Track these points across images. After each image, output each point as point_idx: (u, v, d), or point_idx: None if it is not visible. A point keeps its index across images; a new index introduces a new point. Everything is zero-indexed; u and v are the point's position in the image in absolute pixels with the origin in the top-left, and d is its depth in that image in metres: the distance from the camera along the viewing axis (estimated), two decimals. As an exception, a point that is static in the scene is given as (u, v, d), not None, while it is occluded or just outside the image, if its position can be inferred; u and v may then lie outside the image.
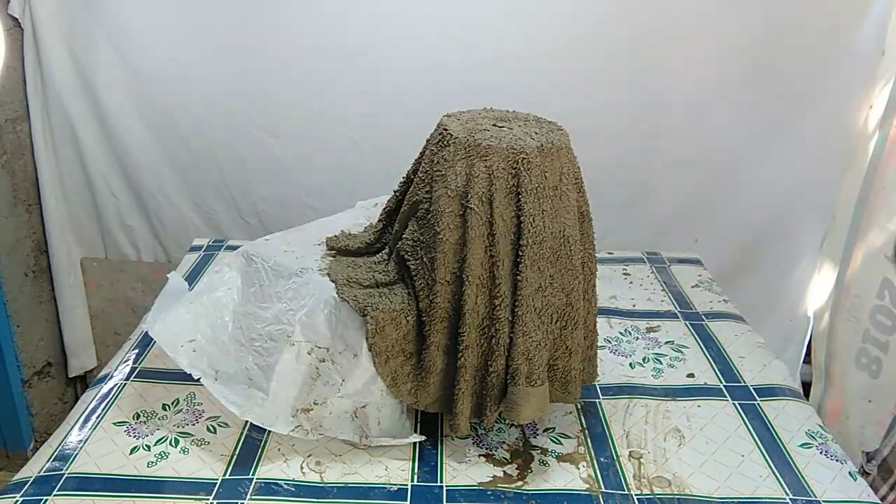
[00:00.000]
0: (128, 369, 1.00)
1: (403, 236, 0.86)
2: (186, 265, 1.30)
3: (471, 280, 0.80)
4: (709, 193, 1.65)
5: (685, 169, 1.63)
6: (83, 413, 0.93)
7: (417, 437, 0.88)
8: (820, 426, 0.93)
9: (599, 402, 0.96)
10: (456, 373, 0.83)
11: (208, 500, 0.79)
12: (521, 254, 0.80)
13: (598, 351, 0.97)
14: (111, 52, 1.62)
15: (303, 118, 1.66)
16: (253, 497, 0.79)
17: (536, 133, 0.83)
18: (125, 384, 0.97)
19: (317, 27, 1.57)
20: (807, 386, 1.73)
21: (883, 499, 1.23)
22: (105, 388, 0.97)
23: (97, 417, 0.91)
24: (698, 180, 1.63)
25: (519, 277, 0.80)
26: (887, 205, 1.40)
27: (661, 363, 1.05)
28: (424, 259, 0.83)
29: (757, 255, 1.69)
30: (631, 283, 1.31)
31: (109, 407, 0.93)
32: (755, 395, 0.99)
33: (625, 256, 1.41)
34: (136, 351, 1.04)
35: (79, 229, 1.83)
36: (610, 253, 1.42)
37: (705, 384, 0.98)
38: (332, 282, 0.86)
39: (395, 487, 0.81)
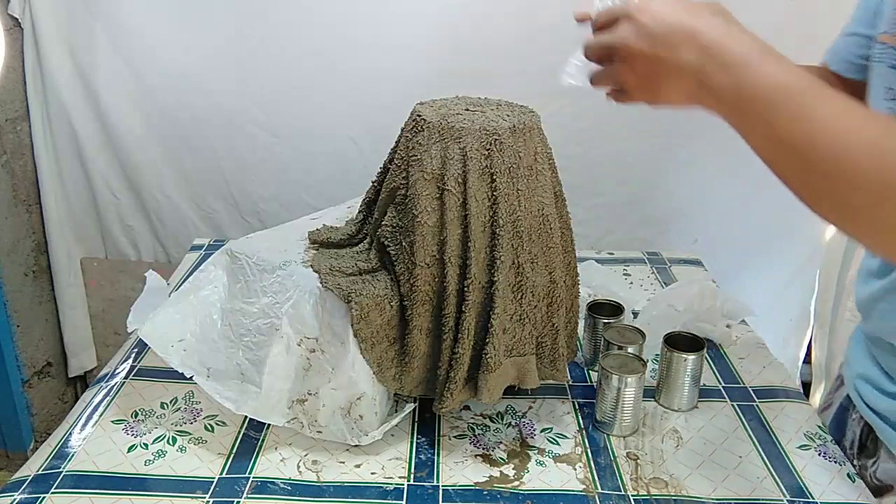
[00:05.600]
0: (127, 368, 1.01)
1: (383, 223, 0.87)
2: (186, 265, 1.30)
3: (452, 262, 0.81)
4: (709, 193, 1.65)
5: (685, 169, 1.63)
6: (82, 412, 0.93)
7: (411, 406, 0.89)
8: (819, 427, 0.92)
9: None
10: (440, 355, 0.84)
11: (205, 498, 0.79)
12: (496, 233, 0.81)
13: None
14: (111, 52, 1.62)
15: (303, 118, 1.66)
16: (249, 496, 0.79)
17: (508, 115, 0.85)
18: (124, 383, 0.97)
19: (318, 27, 1.57)
20: (807, 386, 1.73)
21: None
22: (104, 387, 0.97)
23: (96, 416, 0.91)
24: (698, 180, 1.63)
25: (494, 255, 0.82)
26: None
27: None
28: (404, 244, 0.84)
29: (757, 255, 1.69)
30: (631, 283, 1.31)
31: (108, 406, 0.93)
32: (754, 396, 0.99)
33: (625, 256, 1.41)
34: (136, 350, 1.04)
35: (79, 229, 1.83)
36: (610, 253, 1.42)
37: (704, 385, 0.98)
38: (316, 272, 0.87)
39: (391, 487, 0.81)
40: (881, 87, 0.81)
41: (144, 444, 0.87)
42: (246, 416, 0.88)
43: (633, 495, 0.80)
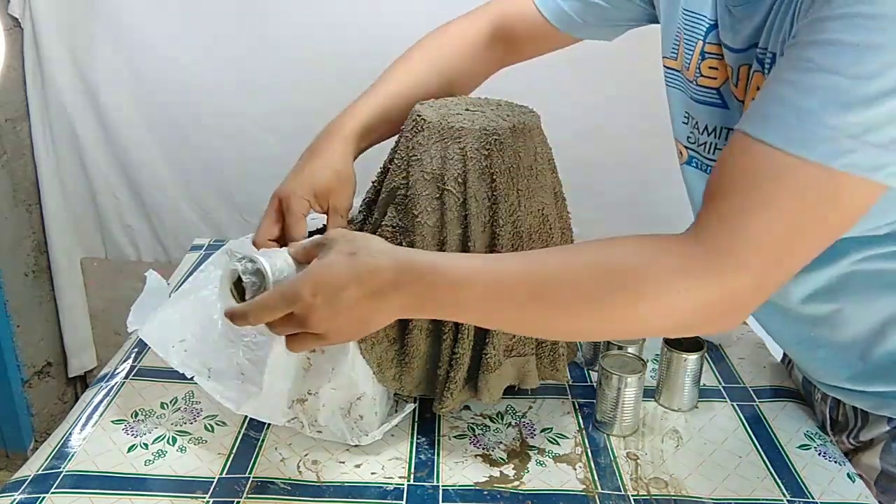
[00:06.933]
0: (127, 368, 1.01)
1: (383, 223, 0.87)
2: (186, 265, 1.30)
3: None
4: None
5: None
6: (82, 412, 0.93)
7: (411, 407, 0.89)
8: (819, 427, 0.92)
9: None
10: (440, 355, 0.85)
11: (205, 498, 0.79)
12: (496, 233, 0.81)
13: (596, 351, 0.97)
14: (111, 52, 1.62)
15: (303, 117, 1.66)
16: (249, 496, 0.79)
17: (508, 115, 0.85)
18: (124, 383, 0.97)
19: (318, 27, 1.57)
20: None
21: None
22: (104, 387, 0.97)
23: (96, 416, 0.91)
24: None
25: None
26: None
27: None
28: (404, 244, 0.84)
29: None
30: (630, 283, 1.31)
31: (108, 406, 0.93)
32: (754, 396, 0.99)
33: (624, 257, 1.40)
34: (136, 350, 1.04)
35: (79, 229, 1.83)
36: (610, 253, 1.41)
37: (704, 385, 0.98)
38: None
39: (391, 487, 0.81)
40: (679, 111, 0.85)
41: (144, 444, 0.87)
42: (246, 416, 0.88)
43: (633, 495, 0.80)
